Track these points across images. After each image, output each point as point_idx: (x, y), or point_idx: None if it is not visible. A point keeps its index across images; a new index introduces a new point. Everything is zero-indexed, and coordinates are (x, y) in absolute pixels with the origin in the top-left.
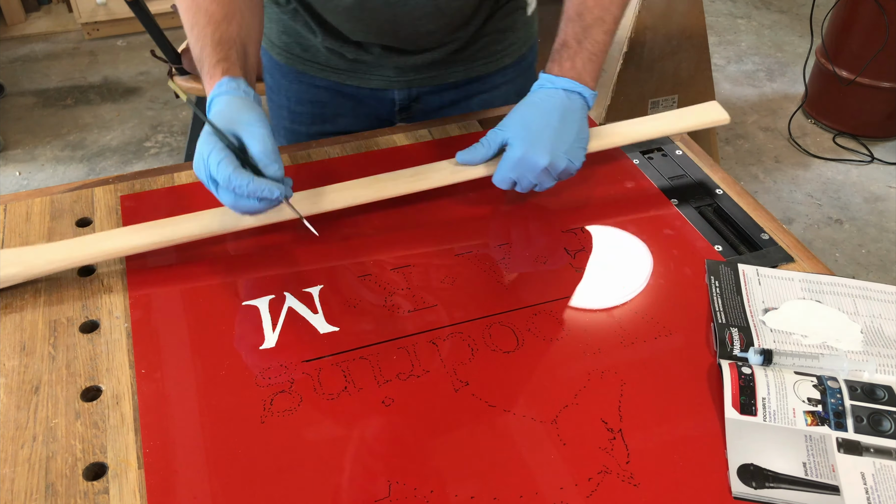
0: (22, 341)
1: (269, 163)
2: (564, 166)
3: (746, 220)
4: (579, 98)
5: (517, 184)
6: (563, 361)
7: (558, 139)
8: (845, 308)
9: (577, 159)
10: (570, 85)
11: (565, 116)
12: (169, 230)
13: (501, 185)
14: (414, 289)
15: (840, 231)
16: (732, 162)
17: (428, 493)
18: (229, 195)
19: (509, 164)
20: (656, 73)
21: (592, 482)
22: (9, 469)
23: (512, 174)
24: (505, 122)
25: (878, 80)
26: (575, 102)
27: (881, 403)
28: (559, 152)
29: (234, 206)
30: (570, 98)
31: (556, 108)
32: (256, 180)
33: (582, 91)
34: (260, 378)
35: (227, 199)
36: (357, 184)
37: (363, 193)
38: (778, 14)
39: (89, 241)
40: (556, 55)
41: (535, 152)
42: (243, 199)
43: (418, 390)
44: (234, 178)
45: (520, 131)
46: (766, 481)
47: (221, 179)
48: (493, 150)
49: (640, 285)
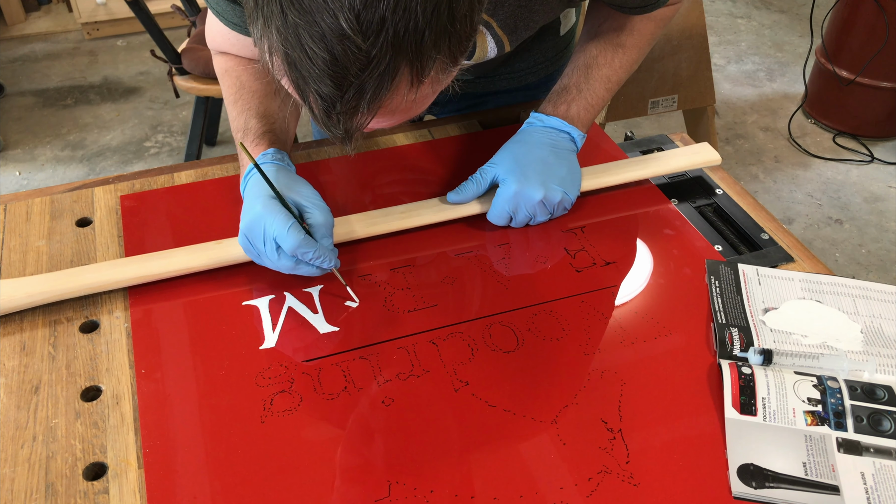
0: (22, 341)
1: (327, 234)
2: (559, 198)
3: (746, 220)
4: (568, 137)
5: (513, 219)
6: (563, 361)
7: (550, 173)
8: (845, 308)
9: (571, 192)
10: (559, 124)
11: (556, 153)
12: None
13: (498, 221)
14: (414, 289)
15: (840, 231)
16: (732, 162)
17: (428, 493)
18: (289, 261)
19: (505, 199)
20: (656, 73)
21: (592, 482)
22: (9, 469)
23: (508, 209)
24: (495, 159)
25: (878, 80)
26: (564, 141)
27: (881, 403)
28: (552, 185)
29: (291, 269)
30: (559, 136)
31: (546, 144)
32: (320, 249)
33: (570, 131)
34: (260, 378)
35: (287, 264)
36: (349, 220)
37: (354, 230)
38: (778, 14)
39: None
40: (553, 97)
41: (530, 186)
42: (303, 265)
43: (418, 390)
44: (302, 246)
45: (512, 167)
46: (766, 481)
47: (289, 245)
48: (483, 186)
49: (640, 285)
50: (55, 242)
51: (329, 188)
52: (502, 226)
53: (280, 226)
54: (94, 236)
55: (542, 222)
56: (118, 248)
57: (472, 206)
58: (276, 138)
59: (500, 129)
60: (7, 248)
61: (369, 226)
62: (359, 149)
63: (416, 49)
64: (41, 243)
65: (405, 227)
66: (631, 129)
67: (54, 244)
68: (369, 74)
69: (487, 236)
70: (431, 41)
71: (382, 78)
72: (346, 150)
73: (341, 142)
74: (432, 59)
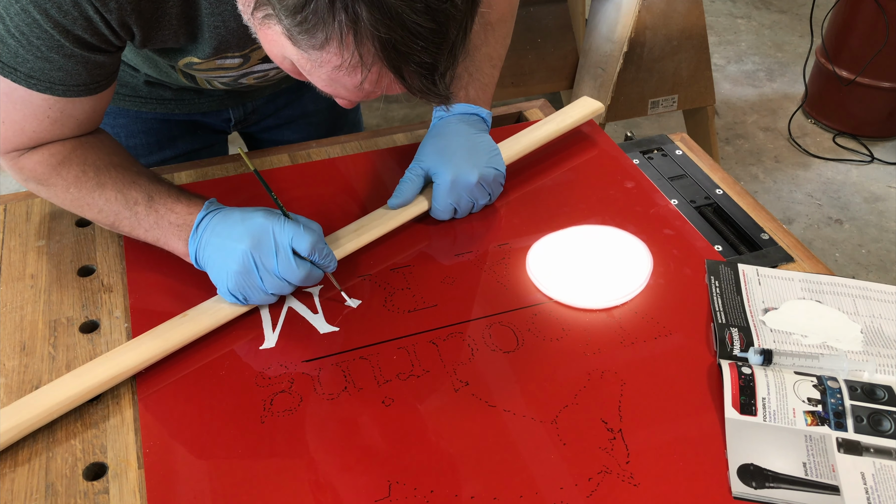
0: (22, 341)
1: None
2: (493, 176)
3: (746, 220)
4: (477, 118)
5: (457, 209)
6: (563, 361)
7: (476, 155)
8: (845, 308)
9: (499, 166)
10: (465, 108)
11: (471, 136)
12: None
13: (443, 215)
14: (414, 289)
15: (840, 231)
16: (732, 162)
17: (428, 493)
18: (304, 267)
19: (444, 192)
20: (656, 73)
21: (592, 482)
22: (9, 469)
23: (450, 199)
24: (419, 156)
25: (878, 80)
26: (475, 123)
27: (881, 403)
28: (482, 165)
29: (301, 279)
30: (471, 119)
31: (461, 131)
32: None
33: (478, 112)
34: (260, 378)
35: (303, 272)
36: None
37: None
38: (778, 14)
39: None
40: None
41: (463, 172)
42: (313, 270)
43: (418, 390)
44: (319, 241)
45: (440, 159)
46: (766, 481)
47: (307, 243)
48: (419, 183)
49: (640, 285)
50: (55, 242)
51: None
52: (447, 219)
53: (292, 228)
54: (94, 236)
55: (485, 206)
56: (118, 248)
57: (419, 205)
58: (187, 193)
59: (500, 129)
60: (7, 248)
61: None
62: (359, 148)
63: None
64: (41, 243)
65: (361, 245)
66: (631, 129)
67: (54, 244)
68: (458, 31)
69: (488, 236)
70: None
71: (466, 32)
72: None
73: (440, 103)
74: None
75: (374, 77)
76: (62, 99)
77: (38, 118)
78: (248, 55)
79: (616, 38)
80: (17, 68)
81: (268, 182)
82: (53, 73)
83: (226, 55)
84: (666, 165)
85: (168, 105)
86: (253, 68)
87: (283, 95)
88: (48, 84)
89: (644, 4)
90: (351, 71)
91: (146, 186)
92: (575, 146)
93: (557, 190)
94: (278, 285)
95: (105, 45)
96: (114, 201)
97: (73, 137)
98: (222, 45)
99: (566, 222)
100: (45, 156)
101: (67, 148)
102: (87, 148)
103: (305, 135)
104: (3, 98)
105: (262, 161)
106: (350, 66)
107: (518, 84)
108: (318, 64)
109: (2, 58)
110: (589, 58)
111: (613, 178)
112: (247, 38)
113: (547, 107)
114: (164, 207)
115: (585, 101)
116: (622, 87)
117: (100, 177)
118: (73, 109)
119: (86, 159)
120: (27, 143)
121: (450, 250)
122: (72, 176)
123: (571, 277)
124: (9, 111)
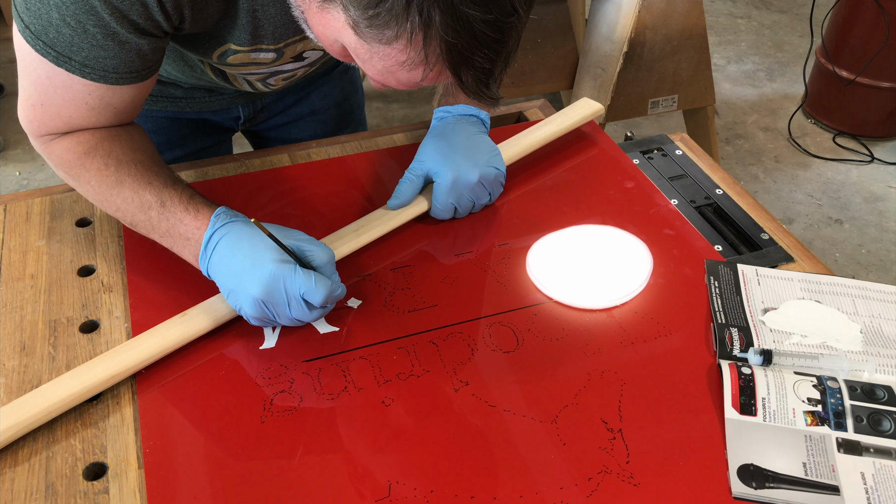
0: (22, 341)
1: (334, 269)
2: (494, 175)
3: (746, 220)
4: (477, 119)
5: (457, 209)
6: (563, 361)
7: (476, 154)
8: (845, 308)
9: (500, 166)
10: (464, 110)
11: (473, 136)
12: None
13: (444, 214)
14: (414, 289)
15: (840, 231)
16: (732, 162)
17: (428, 493)
18: (318, 311)
19: (444, 191)
20: (656, 73)
21: (592, 482)
22: (9, 469)
23: (451, 198)
24: (419, 155)
25: (878, 80)
26: (474, 124)
27: (881, 403)
28: (482, 164)
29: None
30: (470, 120)
31: (461, 131)
32: (339, 286)
33: (477, 114)
34: (260, 378)
35: (316, 314)
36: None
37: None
38: (778, 14)
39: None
40: (448, 90)
41: (464, 171)
42: (331, 306)
43: (418, 390)
44: (332, 293)
45: (441, 159)
46: (766, 481)
47: (320, 297)
48: (418, 184)
49: (640, 285)
50: (55, 242)
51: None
52: (447, 219)
53: (304, 281)
54: (94, 236)
55: (485, 206)
56: (118, 248)
57: (418, 206)
58: (203, 197)
59: (499, 129)
60: (7, 248)
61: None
62: (359, 148)
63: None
64: (41, 243)
65: (360, 245)
66: (631, 129)
67: (54, 244)
68: (515, 41)
69: (488, 236)
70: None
71: (519, 41)
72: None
73: (490, 105)
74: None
75: (433, 76)
76: (103, 86)
77: (76, 104)
78: (281, 50)
79: (616, 38)
80: (73, 57)
81: (268, 182)
82: (108, 61)
83: (260, 47)
84: (666, 165)
85: (178, 103)
86: (283, 66)
87: (291, 93)
88: (102, 73)
89: (644, 4)
90: (413, 68)
91: (159, 190)
92: (575, 146)
93: (557, 190)
94: (293, 321)
95: (156, 31)
96: (130, 202)
97: (104, 127)
98: (258, 31)
99: (566, 222)
100: (73, 143)
101: (96, 138)
102: (113, 140)
103: (312, 132)
104: (45, 81)
105: (262, 161)
106: (413, 64)
107: (518, 84)
108: (381, 57)
109: (56, 47)
110: (589, 58)
111: (613, 178)
112: (283, 30)
113: (547, 107)
114: (175, 217)
115: (585, 102)
116: (622, 87)
117: (119, 173)
118: (112, 97)
119: (110, 152)
120: (62, 127)
121: (450, 250)
122: (94, 167)
123: (571, 277)
124: (48, 94)
